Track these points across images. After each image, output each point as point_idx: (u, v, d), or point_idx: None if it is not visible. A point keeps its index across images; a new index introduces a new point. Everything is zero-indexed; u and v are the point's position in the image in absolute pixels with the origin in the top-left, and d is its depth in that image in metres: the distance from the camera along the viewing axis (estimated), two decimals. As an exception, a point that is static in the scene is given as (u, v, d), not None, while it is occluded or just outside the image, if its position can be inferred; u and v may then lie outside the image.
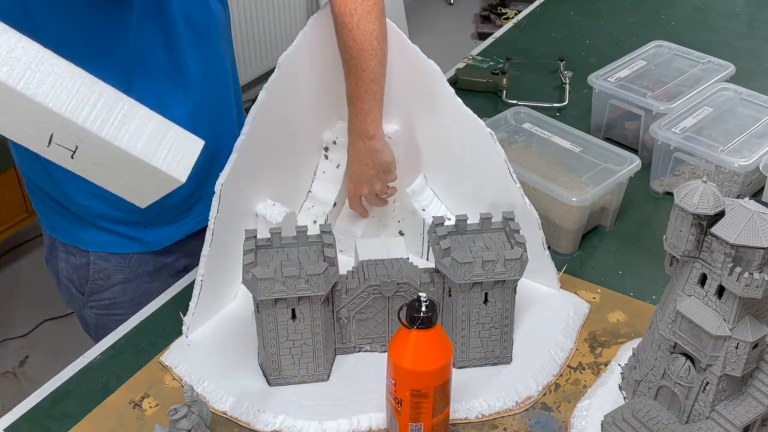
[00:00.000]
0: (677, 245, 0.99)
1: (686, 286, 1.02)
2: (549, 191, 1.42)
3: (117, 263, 1.48)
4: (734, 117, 1.64)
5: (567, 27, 2.33)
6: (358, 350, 1.25)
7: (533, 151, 1.55)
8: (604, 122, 1.78)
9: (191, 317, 1.28)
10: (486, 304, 1.19)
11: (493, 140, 1.30)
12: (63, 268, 1.51)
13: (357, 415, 1.15)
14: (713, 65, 1.81)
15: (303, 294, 1.12)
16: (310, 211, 1.44)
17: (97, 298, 1.51)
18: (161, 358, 1.26)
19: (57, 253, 1.51)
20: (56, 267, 1.53)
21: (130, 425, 1.16)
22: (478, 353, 1.23)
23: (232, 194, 1.25)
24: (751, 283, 0.93)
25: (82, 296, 1.52)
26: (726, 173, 1.52)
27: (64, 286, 1.54)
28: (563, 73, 2.02)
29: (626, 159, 1.49)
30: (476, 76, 2.00)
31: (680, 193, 0.98)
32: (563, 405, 1.18)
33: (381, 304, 1.21)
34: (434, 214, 1.40)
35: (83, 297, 1.52)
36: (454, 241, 1.20)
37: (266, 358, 1.19)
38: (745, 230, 0.93)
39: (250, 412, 1.16)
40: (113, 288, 1.49)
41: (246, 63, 3.87)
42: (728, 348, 0.98)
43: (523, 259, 1.16)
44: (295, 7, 4.06)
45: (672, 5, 2.44)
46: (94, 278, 1.49)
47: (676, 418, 1.07)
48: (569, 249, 1.48)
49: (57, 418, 1.18)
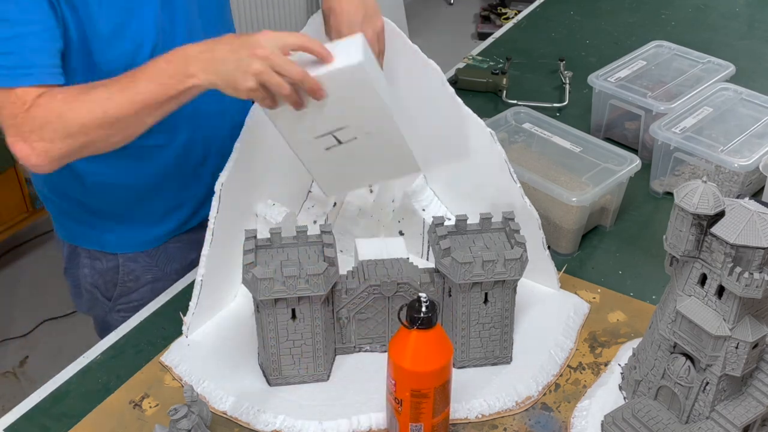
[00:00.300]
0: (677, 245, 0.99)
1: (686, 286, 1.02)
2: (549, 191, 1.42)
3: (145, 263, 1.49)
4: (734, 117, 1.64)
5: (567, 27, 2.33)
6: (358, 350, 1.25)
7: (533, 151, 1.55)
8: (604, 122, 1.78)
9: (191, 317, 1.28)
10: (486, 304, 1.19)
11: (493, 140, 1.30)
12: (87, 275, 1.51)
13: (357, 415, 1.15)
14: (713, 65, 1.81)
15: (303, 294, 1.12)
16: (310, 211, 1.44)
17: (126, 300, 1.52)
18: (161, 358, 1.26)
19: (79, 261, 1.51)
20: (77, 275, 1.54)
21: (130, 425, 1.16)
22: (478, 353, 1.23)
23: (232, 194, 1.25)
24: (751, 283, 0.93)
25: (108, 301, 1.53)
26: (726, 173, 1.52)
27: (88, 293, 1.55)
28: (563, 73, 2.02)
29: (626, 159, 1.49)
30: (476, 76, 2.00)
31: (680, 193, 0.98)
32: (563, 405, 1.18)
33: (381, 304, 1.21)
34: (434, 214, 1.40)
35: (110, 302, 1.53)
36: (454, 241, 1.20)
37: (266, 358, 1.19)
38: (745, 230, 0.93)
39: (250, 412, 1.16)
40: (142, 288, 1.50)
41: (246, 63, 3.87)
42: (728, 348, 0.98)
43: (523, 259, 1.16)
44: (295, 7, 4.06)
45: (672, 5, 2.44)
46: (123, 280, 1.50)
47: (676, 418, 1.07)
48: (569, 249, 1.48)
49: (57, 418, 1.18)
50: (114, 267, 1.49)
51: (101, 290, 1.52)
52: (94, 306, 1.56)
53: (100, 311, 1.57)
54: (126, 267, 1.49)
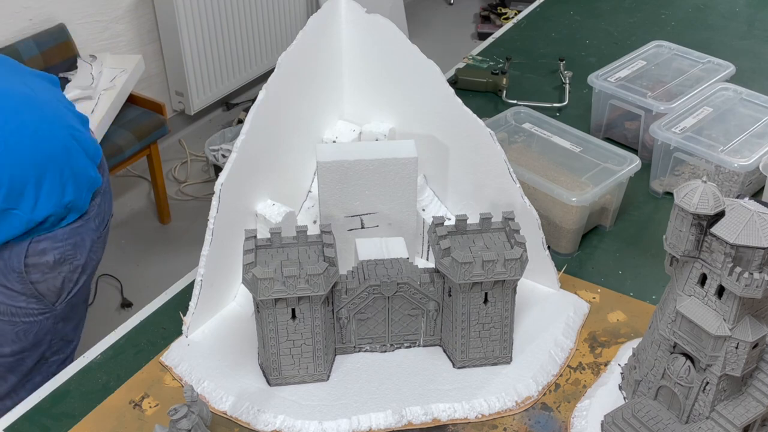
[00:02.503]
0: (677, 245, 0.99)
1: (686, 286, 1.02)
2: (549, 191, 1.42)
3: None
4: (734, 117, 1.64)
5: (567, 27, 2.33)
6: (358, 350, 1.25)
7: (533, 151, 1.55)
8: (604, 122, 1.78)
9: (191, 317, 1.28)
10: (486, 304, 1.19)
11: (493, 140, 1.30)
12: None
13: (357, 415, 1.15)
14: (713, 65, 1.81)
15: (303, 294, 1.12)
16: (310, 211, 1.44)
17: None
18: (161, 358, 1.26)
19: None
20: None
21: (130, 425, 1.16)
22: (478, 353, 1.23)
23: (231, 194, 1.25)
24: (751, 283, 0.93)
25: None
26: (726, 173, 1.52)
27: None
28: (563, 73, 2.02)
29: (626, 159, 1.49)
30: (476, 76, 2.01)
31: (680, 193, 0.98)
32: (563, 405, 1.18)
33: (381, 304, 1.21)
34: (434, 214, 1.40)
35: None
36: (454, 241, 1.19)
37: (266, 358, 1.19)
38: (745, 230, 0.93)
39: (250, 412, 1.16)
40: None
41: (246, 63, 3.88)
42: (728, 348, 0.98)
43: (523, 259, 1.16)
44: (295, 7, 4.06)
45: (672, 5, 2.44)
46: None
47: (676, 418, 1.07)
48: (569, 249, 1.48)
49: (57, 418, 1.18)
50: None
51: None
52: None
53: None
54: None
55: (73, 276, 1.68)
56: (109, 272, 2.93)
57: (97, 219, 1.71)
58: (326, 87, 1.37)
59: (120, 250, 3.10)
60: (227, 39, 3.70)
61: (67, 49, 3.01)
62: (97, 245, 1.73)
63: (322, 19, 1.32)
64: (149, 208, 3.37)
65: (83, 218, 1.66)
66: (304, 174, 1.44)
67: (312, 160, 1.43)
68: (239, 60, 3.83)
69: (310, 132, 1.41)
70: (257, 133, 1.27)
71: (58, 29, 3.00)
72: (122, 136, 2.90)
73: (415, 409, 1.16)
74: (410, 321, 1.23)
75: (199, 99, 3.68)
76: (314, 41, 1.32)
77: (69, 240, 1.64)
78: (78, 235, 1.66)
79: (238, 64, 3.83)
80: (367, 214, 1.32)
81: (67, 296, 1.70)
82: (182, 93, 3.63)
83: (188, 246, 3.05)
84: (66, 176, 1.59)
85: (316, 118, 1.41)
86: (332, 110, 1.41)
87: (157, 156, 3.14)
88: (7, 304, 1.63)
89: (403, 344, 1.25)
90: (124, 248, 3.13)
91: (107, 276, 2.93)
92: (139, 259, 3.09)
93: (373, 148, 1.29)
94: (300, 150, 1.41)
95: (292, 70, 1.29)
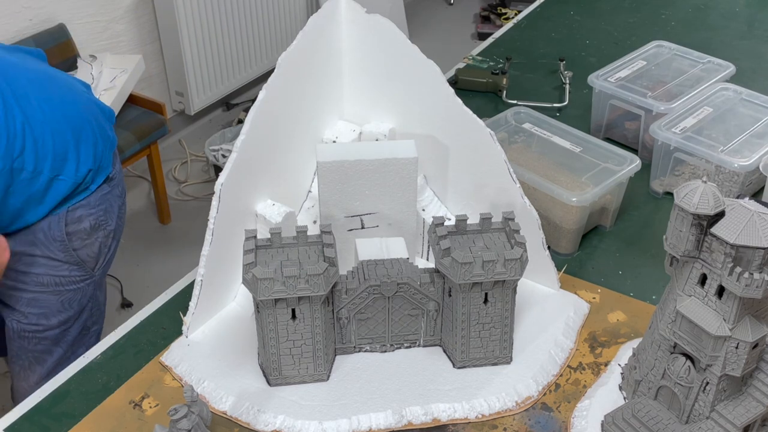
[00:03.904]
0: (677, 245, 0.99)
1: (686, 286, 1.02)
2: (549, 191, 1.42)
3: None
4: (734, 117, 1.63)
5: (567, 27, 2.33)
6: (358, 350, 1.25)
7: (533, 151, 1.55)
8: (604, 122, 1.78)
9: (191, 317, 1.28)
10: (486, 304, 1.19)
11: (493, 140, 1.30)
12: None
13: (357, 415, 1.15)
14: (713, 65, 1.81)
15: (303, 294, 1.12)
16: (310, 211, 1.44)
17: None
18: (161, 358, 1.26)
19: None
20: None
21: (130, 425, 1.16)
22: (478, 353, 1.23)
23: (231, 194, 1.25)
24: (751, 283, 0.93)
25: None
26: (726, 173, 1.52)
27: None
28: (563, 73, 2.02)
29: (626, 159, 1.49)
30: (476, 76, 2.01)
31: (680, 193, 0.98)
32: (563, 405, 1.18)
33: (381, 304, 1.21)
34: (434, 214, 1.40)
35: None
36: (454, 241, 1.19)
37: (266, 359, 1.19)
38: (745, 230, 0.93)
39: (250, 412, 1.16)
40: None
41: (246, 63, 3.88)
42: (728, 348, 0.98)
43: (523, 259, 1.16)
44: (295, 7, 4.06)
45: (672, 5, 2.44)
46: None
47: (676, 418, 1.07)
48: (569, 249, 1.48)
49: (57, 418, 1.18)
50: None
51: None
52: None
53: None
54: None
55: (107, 241, 1.78)
56: (109, 272, 2.92)
57: (119, 186, 1.80)
58: (326, 87, 1.37)
59: (120, 250, 3.09)
60: (227, 39, 3.70)
61: (67, 49, 3.01)
62: (122, 212, 1.83)
63: (322, 19, 1.32)
64: (149, 208, 3.37)
65: (109, 183, 1.74)
66: (304, 174, 1.44)
67: (312, 160, 1.43)
68: (239, 60, 3.83)
69: (310, 132, 1.41)
70: (257, 133, 1.27)
71: (58, 29, 3.00)
72: (122, 136, 2.90)
73: (415, 409, 1.16)
74: (410, 321, 1.23)
75: (199, 99, 3.68)
76: (314, 41, 1.32)
77: (100, 206, 1.72)
78: (107, 202, 1.74)
79: (238, 64, 3.83)
80: (367, 214, 1.32)
81: (104, 261, 1.80)
82: (182, 93, 3.63)
83: (188, 246, 3.04)
84: (96, 134, 1.68)
85: (316, 118, 1.41)
86: (332, 110, 1.41)
87: (157, 156, 3.14)
88: (51, 275, 1.69)
89: (403, 344, 1.25)
90: (124, 248, 3.12)
91: (107, 276, 2.92)
92: (139, 259, 3.09)
93: (373, 148, 1.29)
94: (300, 150, 1.41)
95: (292, 70, 1.29)
